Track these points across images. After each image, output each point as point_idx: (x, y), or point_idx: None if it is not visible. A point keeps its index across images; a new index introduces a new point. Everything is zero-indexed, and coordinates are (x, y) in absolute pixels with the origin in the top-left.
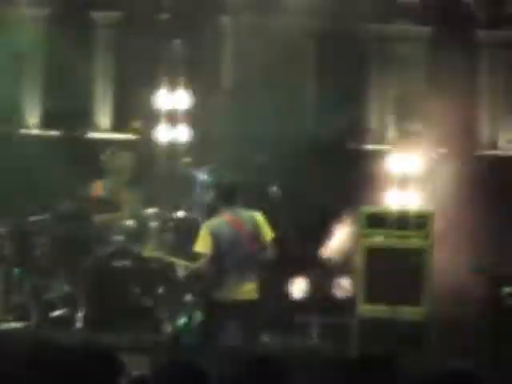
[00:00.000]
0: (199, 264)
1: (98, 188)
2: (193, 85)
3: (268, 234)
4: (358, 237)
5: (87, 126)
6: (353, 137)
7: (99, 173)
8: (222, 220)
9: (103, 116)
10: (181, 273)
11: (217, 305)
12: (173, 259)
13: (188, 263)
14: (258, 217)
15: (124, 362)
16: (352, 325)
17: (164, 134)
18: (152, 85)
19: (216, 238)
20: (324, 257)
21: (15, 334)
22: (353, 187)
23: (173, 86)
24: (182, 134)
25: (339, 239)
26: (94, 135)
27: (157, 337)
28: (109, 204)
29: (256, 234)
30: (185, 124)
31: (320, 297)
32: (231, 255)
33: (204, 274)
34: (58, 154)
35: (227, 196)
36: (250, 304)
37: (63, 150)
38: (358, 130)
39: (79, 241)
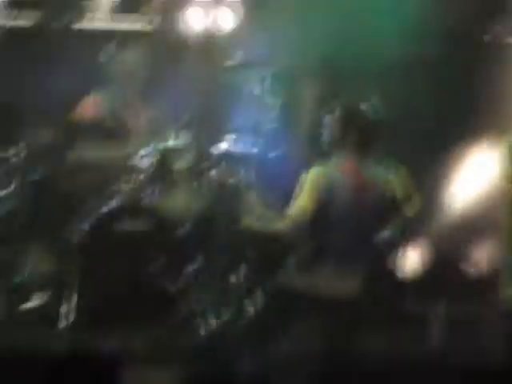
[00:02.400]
0: (286, 224)
1: (94, 105)
2: None
3: (409, 202)
4: (501, 180)
5: (77, 11)
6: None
7: (96, 82)
8: (338, 171)
9: None
10: (247, 220)
11: (294, 297)
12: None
13: (270, 212)
14: (398, 177)
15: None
16: (492, 317)
17: (197, 18)
18: None
19: (324, 196)
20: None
21: None
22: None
23: None
24: (225, 17)
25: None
26: (87, 25)
27: (184, 340)
28: (111, 130)
29: (385, 205)
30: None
31: (445, 275)
32: (339, 229)
33: (287, 243)
34: (32, 56)
35: (360, 137)
36: (347, 303)
37: (39, 48)
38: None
39: (64, 191)
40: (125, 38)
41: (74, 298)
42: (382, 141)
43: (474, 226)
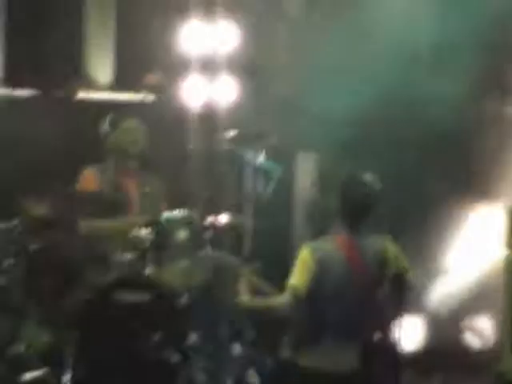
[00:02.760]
0: (283, 301)
1: (92, 178)
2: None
3: (398, 269)
4: (502, 246)
5: (77, 81)
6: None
7: (95, 154)
8: (334, 245)
9: (102, 67)
10: (242, 298)
11: (294, 371)
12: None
13: (268, 289)
14: (388, 247)
15: None
16: None
17: (196, 91)
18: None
19: (320, 271)
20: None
21: None
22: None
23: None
24: (223, 90)
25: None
26: (87, 96)
27: None
28: (110, 203)
29: (379, 278)
30: (228, 74)
31: (445, 348)
32: (335, 305)
33: (284, 319)
34: (32, 126)
35: (351, 208)
36: (348, 377)
37: (39, 118)
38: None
39: (65, 261)
40: (124, 110)
41: (73, 370)
42: (374, 212)
43: (474, 297)
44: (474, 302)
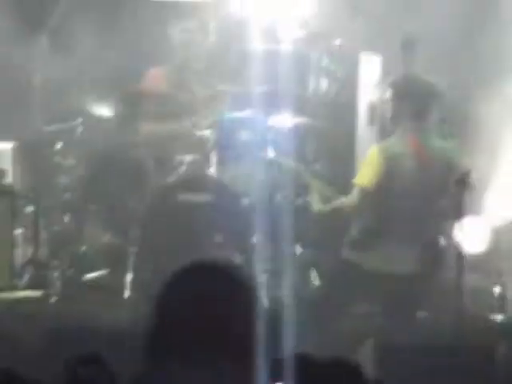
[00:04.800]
0: (349, 200)
1: (158, 78)
2: None
3: (460, 171)
4: None
5: None
6: None
7: (159, 54)
8: (404, 145)
9: None
10: (316, 206)
11: (355, 271)
12: (308, 178)
13: (331, 193)
14: (453, 149)
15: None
16: None
17: None
18: None
19: (390, 171)
20: None
21: (28, 309)
22: None
23: None
24: None
25: None
26: None
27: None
28: (175, 104)
29: (446, 178)
30: None
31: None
32: (402, 205)
33: (351, 217)
34: (96, 27)
35: (419, 107)
36: (409, 279)
37: (106, 17)
38: None
39: (127, 162)
40: (190, 9)
41: (136, 271)
42: (436, 111)
43: None
44: None
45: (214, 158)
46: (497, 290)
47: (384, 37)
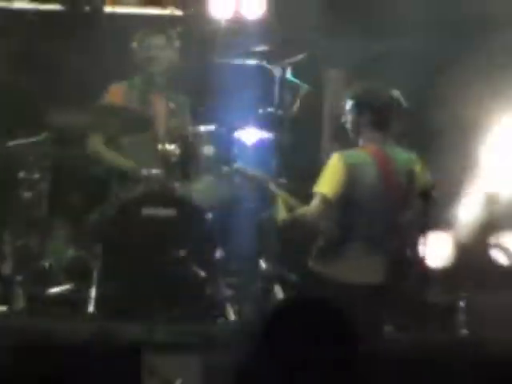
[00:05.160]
0: (311, 209)
1: (119, 93)
2: None
3: (423, 185)
4: None
5: None
6: None
7: (123, 69)
8: (366, 154)
9: None
10: (281, 215)
11: (320, 283)
12: (273, 188)
13: (294, 202)
14: (415, 161)
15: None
16: None
17: (225, 5)
18: None
19: (352, 179)
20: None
21: None
22: None
23: None
24: (252, 3)
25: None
26: (115, 10)
27: (212, 328)
28: (137, 118)
29: (408, 188)
30: None
31: (473, 264)
32: (366, 213)
33: (313, 227)
34: (59, 41)
35: (379, 117)
36: (373, 290)
37: (67, 33)
38: None
39: (91, 177)
40: (153, 25)
41: (99, 284)
42: (397, 122)
43: (501, 214)
44: (500, 219)
45: (177, 173)
46: (461, 304)
47: (347, 51)
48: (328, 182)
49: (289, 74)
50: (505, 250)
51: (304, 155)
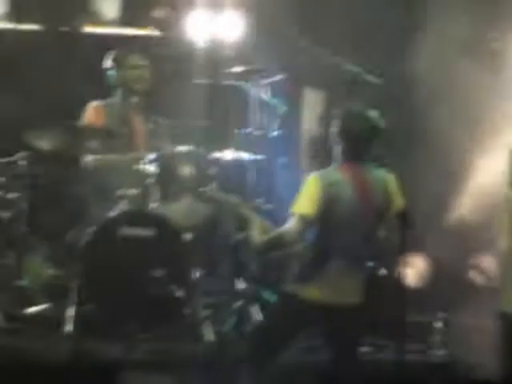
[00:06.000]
0: (289, 229)
1: (98, 113)
2: None
3: (399, 206)
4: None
5: (83, 16)
6: None
7: (100, 89)
8: (342, 175)
9: (109, 2)
10: (256, 237)
11: (296, 304)
12: (246, 211)
13: (268, 225)
14: (391, 181)
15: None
16: (494, 325)
17: (202, 26)
18: None
19: (329, 199)
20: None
21: None
22: None
23: None
24: (229, 26)
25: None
26: (93, 31)
27: (189, 347)
28: (114, 138)
29: (383, 208)
30: (235, 10)
31: (448, 284)
32: (342, 232)
33: (291, 247)
34: (38, 61)
35: (355, 139)
36: (350, 310)
37: (46, 53)
38: None
39: (69, 196)
40: (130, 46)
41: (77, 304)
42: (376, 146)
43: (475, 233)
44: (478, 241)
45: (155, 193)
46: (438, 325)
47: (327, 72)
48: (305, 202)
49: (267, 95)
50: (482, 270)
51: (282, 175)
